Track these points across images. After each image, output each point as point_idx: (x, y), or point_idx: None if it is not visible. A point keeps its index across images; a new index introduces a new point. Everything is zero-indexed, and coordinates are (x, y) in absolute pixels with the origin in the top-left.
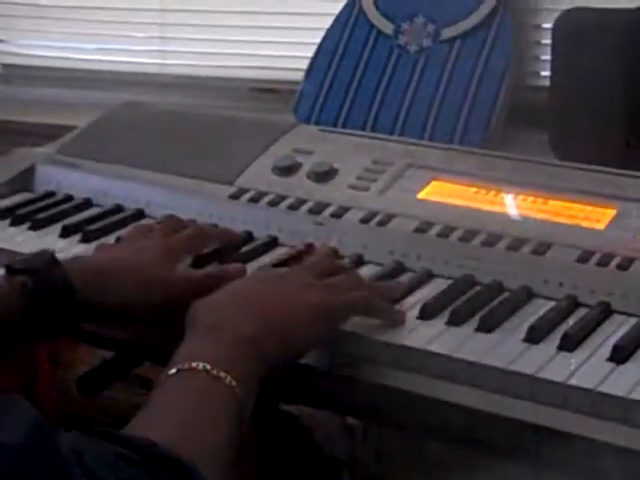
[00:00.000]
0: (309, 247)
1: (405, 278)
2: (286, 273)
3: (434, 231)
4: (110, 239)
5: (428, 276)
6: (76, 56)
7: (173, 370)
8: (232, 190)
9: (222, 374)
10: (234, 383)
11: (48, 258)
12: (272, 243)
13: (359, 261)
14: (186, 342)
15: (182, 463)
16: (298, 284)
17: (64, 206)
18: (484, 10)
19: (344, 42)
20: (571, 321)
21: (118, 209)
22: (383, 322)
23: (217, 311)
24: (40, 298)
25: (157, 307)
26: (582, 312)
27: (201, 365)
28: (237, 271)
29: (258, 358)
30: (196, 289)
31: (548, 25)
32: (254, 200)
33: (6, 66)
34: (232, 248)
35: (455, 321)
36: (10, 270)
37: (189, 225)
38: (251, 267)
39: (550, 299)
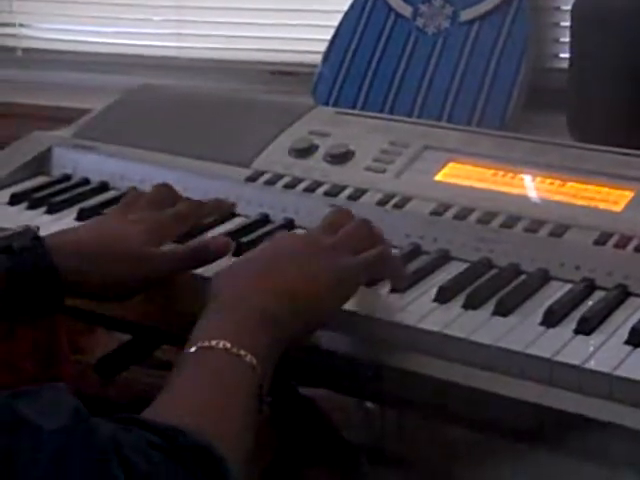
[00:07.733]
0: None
1: (422, 261)
2: (302, 237)
3: (451, 213)
4: None
5: (445, 259)
6: (93, 39)
7: (193, 349)
8: (249, 172)
9: (242, 352)
10: (254, 361)
11: (30, 236)
12: (288, 225)
13: None
14: (207, 317)
15: (213, 455)
16: (315, 249)
17: (81, 189)
18: None
19: (362, 24)
20: (588, 304)
21: None
22: (391, 277)
23: (236, 285)
24: (21, 277)
25: (139, 285)
26: (599, 295)
27: (221, 343)
28: (223, 244)
29: (278, 333)
30: (180, 265)
31: (567, 7)
32: (270, 182)
33: (25, 50)
34: (246, 230)
35: (472, 304)
36: None
37: (181, 198)
38: None
39: (567, 282)
